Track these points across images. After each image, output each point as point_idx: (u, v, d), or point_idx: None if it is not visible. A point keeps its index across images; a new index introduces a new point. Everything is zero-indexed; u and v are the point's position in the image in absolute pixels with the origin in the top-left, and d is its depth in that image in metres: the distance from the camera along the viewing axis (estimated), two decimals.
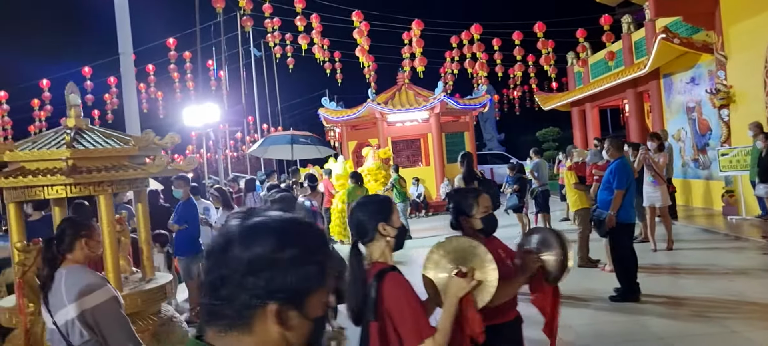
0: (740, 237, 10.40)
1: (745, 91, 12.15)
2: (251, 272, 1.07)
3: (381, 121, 20.33)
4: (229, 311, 1.08)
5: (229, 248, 1.09)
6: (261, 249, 1.08)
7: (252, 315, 1.08)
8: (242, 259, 1.07)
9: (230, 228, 1.12)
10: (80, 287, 2.95)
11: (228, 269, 1.08)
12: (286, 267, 1.08)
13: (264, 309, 1.08)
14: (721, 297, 6.97)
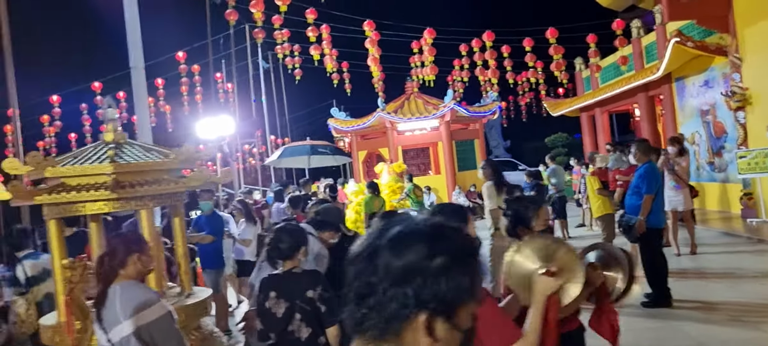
0: (764, 240, 10.29)
1: (762, 93, 12.09)
2: (401, 281, 1.04)
3: (391, 131, 20.33)
4: (378, 321, 1.05)
5: (376, 256, 1.06)
6: (412, 257, 1.05)
7: (401, 325, 1.05)
8: (391, 267, 1.05)
9: (377, 235, 1.09)
10: (136, 302, 2.91)
11: (376, 277, 1.05)
12: (437, 276, 1.05)
13: (414, 319, 1.04)
14: (753, 301, 6.88)
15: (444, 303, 1.05)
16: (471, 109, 20.79)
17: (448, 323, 1.06)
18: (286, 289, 3.19)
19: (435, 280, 1.04)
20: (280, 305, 3.17)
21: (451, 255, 1.06)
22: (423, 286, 1.04)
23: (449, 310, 1.06)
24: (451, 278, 1.05)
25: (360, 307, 1.06)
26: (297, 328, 3.14)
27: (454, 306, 1.06)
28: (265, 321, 3.22)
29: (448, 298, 1.05)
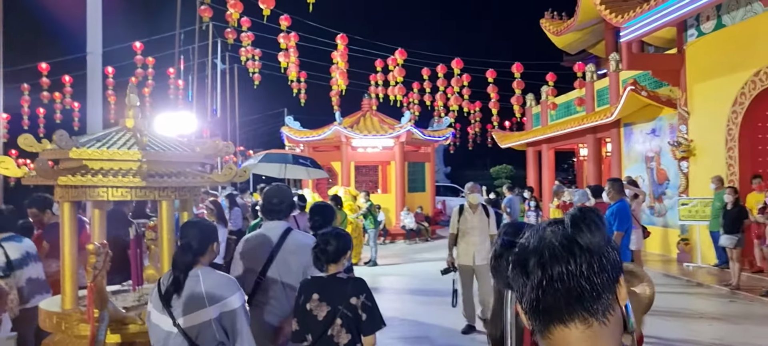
0: (702, 284, 10.97)
1: (705, 146, 12.91)
2: (606, 260, 1.11)
3: (345, 146, 20.38)
4: (603, 298, 1.10)
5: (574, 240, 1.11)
6: (600, 233, 1.12)
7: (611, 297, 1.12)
8: (593, 245, 1.10)
9: (562, 231, 1.14)
10: (223, 289, 2.99)
11: (597, 256, 1.10)
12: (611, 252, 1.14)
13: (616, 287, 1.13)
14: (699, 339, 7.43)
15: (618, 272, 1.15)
16: (426, 132, 21.13)
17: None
18: (330, 293, 3.22)
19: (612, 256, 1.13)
20: (322, 308, 3.19)
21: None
22: (614, 262, 1.13)
23: None
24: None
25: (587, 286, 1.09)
26: (337, 333, 3.17)
27: None
28: (304, 323, 3.23)
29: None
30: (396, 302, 10.00)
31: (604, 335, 1.09)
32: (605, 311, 1.10)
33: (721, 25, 12.32)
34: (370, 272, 13.09)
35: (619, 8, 14.04)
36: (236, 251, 4.15)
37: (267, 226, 4.09)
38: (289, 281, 3.78)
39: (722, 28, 12.29)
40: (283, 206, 4.08)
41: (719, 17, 12.37)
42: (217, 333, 2.94)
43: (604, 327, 1.10)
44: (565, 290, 1.09)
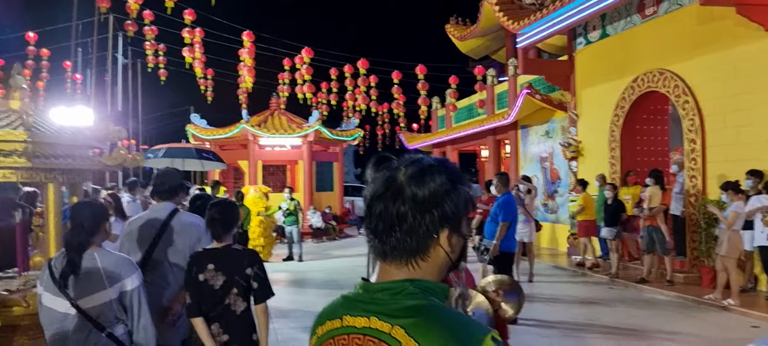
0: (586, 274, 11.83)
1: (592, 147, 13.88)
2: (430, 206, 1.23)
3: (253, 144, 20.22)
4: (412, 242, 1.24)
5: (401, 191, 1.25)
6: (433, 185, 1.23)
7: (429, 243, 1.25)
8: (418, 196, 1.23)
9: (393, 174, 1.27)
10: (121, 269, 3.03)
11: (405, 207, 1.23)
12: (450, 196, 1.25)
13: (438, 236, 1.25)
14: (582, 322, 8.08)
15: (457, 217, 1.27)
16: (334, 132, 21.33)
17: (457, 233, 1.29)
18: (226, 263, 3.34)
19: (450, 200, 1.25)
20: (219, 277, 3.31)
21: (456, 177, 1.30)
22: (444, 206, 1.25)
23: (459, 223, 1.28)
24: (459, 196, 1.27)
25: (392, 234, 1.25)
26: (233, 301, 3.32)
27: (461, 219, 1.29)
28: (198, 294, 3.33)
29: (459, 212, 1.27)
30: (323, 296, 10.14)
31: (417, 275, 1.25)
32: (417, 254, 1.25)
33: (606, 35, 13.31)
34: (295, 267, 13.46)
35: (516, 16, 14.83)
36: (122, 233, 4.17)
37: (153, 207, 4.14)
38: (176, 261, 3.86)
39: (606, 37, 13.28)
40: (169, 186, 4.12)
41: (604, 27, 13.35)
42: (118, 312, 3.00)
43: (417, 269, 1.26)
44: (385, 228, 1.25)
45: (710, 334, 7.15)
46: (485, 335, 1.16)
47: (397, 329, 1.18)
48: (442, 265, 1.29)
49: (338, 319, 1.28)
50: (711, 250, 9.50)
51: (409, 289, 1.23)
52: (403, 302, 1.21)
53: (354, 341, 1.23)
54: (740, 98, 9.76)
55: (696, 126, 10.61)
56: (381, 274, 1.28)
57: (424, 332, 1.16)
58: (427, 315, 1.19)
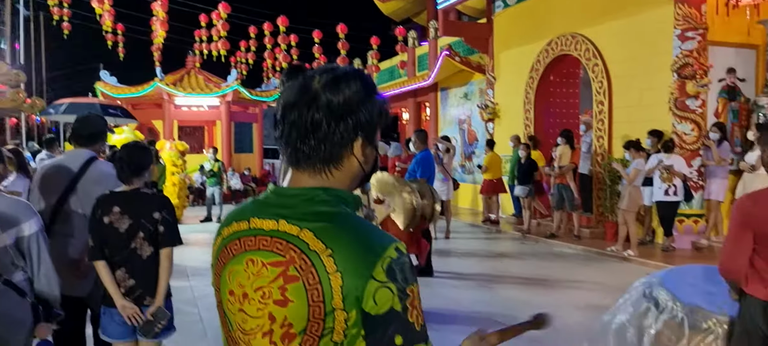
0: (501, 231, 12.29)
1: (508, 109, 14.28)
2: (345, 114, 1.23)
3: (168, 104, 19.49)
4: (325, 151, 1.24)
5: (317, 98, 1.22)
6: (348, 93, 1.23)
7: (343, 152, 1.25)
8: (333, 104, 1.22)
9: (305, 86, 1.25)
10: (18, 212, 2.88)
11: (319, 115, 1.22)
12: (368, 105, 1.25)
13: (352, 144, 1.25)
14: (490, 272, 8.45)
15: (371, 126, 1.27)
16: (253, 92, 20.86)
17: (371, 143, 1.29)
18: (133, 206, 3.22)
19: (365, 108, 1.25)
20: (124, 220, 3.20)
21: (370, 85, 1.30)
22: (359, 115, 1.24)
23: (372, 132, 1.29)
24: (373, 105, 1.27)
25: (306, 142, 1.24)
26: (139, 245, 3.22)
27: (374, 129, 1.29)
28: (100, 237, 3.21)
29: (373, 121, 1.27)
30: None
31: (330, 184, 1.26)
32: (331, 163, 1.26)
33: None
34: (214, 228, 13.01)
35: None
36: (33, 182, 3.94)
37: (68, 153, 3.92)
38: None
39: (524, 0, 13.60)
40: (90, 132, 3.86)
41: None
42: (15, 259, 2.85)
43: (330, 177, 1.26)
44: (299, 136, 1.24)
45: (611, 281, 7.61)
46: (390, 243, 1.18)
47: (306, 232, 1.19)
48: (355, 174, 1.29)
49: (245, 221, 1.27)
50: (615, 206, 10.06)
51: (321, 196, 1.23)
52: (314, 208, 1.22)
53: (261, 242, 1.22)
54: (643, 62, 10.29)
55: (604, 88, 11.12)
56: (294, 181, 1.28)
57: (333, 236, 1.17)
58: (337, 221, 1.20)
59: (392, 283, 1.14)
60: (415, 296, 1.18)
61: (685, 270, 3.45)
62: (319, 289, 1.15)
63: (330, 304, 1.14)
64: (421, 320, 1.18)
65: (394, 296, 1.14)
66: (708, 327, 2.85)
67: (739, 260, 2.62)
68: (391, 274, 1.15)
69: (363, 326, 1.16)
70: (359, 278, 1.14)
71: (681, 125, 9.54)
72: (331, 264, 1.15)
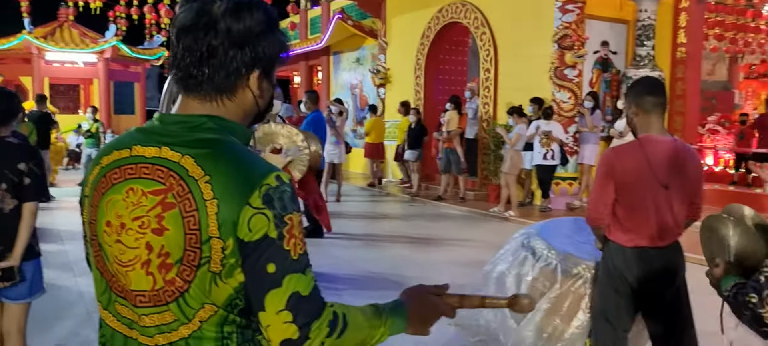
0: (390, 194, 12.54)
1: (399, 74, 14.47)
2: (244, 43, 1.18)
3: (37, 59, 18.05)
4: (218, 79, 1.19)
5: (216, 23, 1.17)
6: (250, 22, 1.19)
7: (238, 81, 1.21)
8: (233, 30, 1.17)
9: (207, 6, 1.18)
10: None
11: (217, 41, 1.16)
12: (267, 36, 1.21)
13: (248, 76, 1.21)
14: (380, 233, 8.65)
15: (269, 60, 1.23)
16: (135, 50, 19.74)
17: (268, 78, 1.26)
18: None
19: (266, 40, 1.21)
20: None
21: (273, 19, 1.27)
22: (258, 46, 1.20)
23: (271, 67, 1.25)
24: (275, 39, 1.23)
25: (200, 69, 1.19)
26: (2, 198, 2.96)
27: (273, 63, 1.25)
28: None
29: (272, 56, 1.23)
30: None
31: (220, 113, 1.21)
32: (224, 92, 1.20)
33: None
34: None
35: None
36: None
37: None
38: None
39: None
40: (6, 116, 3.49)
41: None
42: None
43: (221, 107, 1.21)
44: (192, 61, 1.18)
45: (493, 240, 7.96)
46: (271, 171, 1.15)
47: (187, 159, 1.14)
48: (248, 108, 1.25)
49: (127, 149, 1.20)
50: (498, 169, 10.52)
51: (208, 124, 1.19)
52: (198, 135, 1.17)
53: (142, 170, 1.16)
54: (527, 33, 10.75)
55: (491, 56, 11.52)
56: (182, 107, 1.23)
57: (213, 163, 1.13)
58: (219, 148, 1.16)
59: (268, 209, 1.11)
60: (294, 226, 1.14)
61: (559, 222, 3.69)
62: (195, 216, 1.11)
63: (206, 232, 1.10)
64: (299, 250, 1.14)
65: (269, 222, 1.11)
66: (578, 272, 3.08)
67: (603, 208, 2.82)
68: (267, 201, 1.11)
69: (240, 255, 1.12)
70: (235, 204, 1.10)
71: (559, 93, 10.10)
72: (208, 191, 1.11)
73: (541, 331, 3.06)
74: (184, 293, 1.13)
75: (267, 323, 1.12)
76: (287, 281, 1.11)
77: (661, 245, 2.82)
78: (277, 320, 1.11)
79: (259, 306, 1.12)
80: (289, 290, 1.11)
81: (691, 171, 2.86)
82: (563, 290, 3.06)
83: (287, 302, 1.11)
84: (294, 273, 1.12)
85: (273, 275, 1.11)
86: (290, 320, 1.11)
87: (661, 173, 2.75)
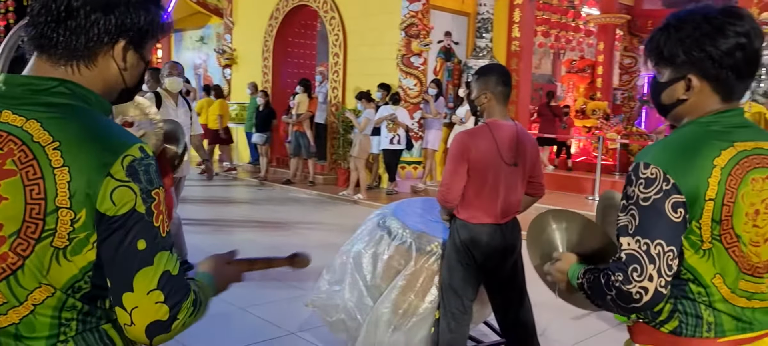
0: (238, 178, 12.23)
1: (246, 55, 14.10)
2: (108, 8, 1.11)
3: None
4: (75, 43, 1.10)
5: None
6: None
7: (98, 49, 1.13)
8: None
9: None
10: None
11: (78, 1, 1.09)
12: (140, 10, 1.14)
13: (112, 46, 1.13)
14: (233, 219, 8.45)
15: (139, 33, 1.16)
16: None
17: (138, 52, 1.18)
18: None
19: (136, 11, 1.14)
20: None
21: None
22: (126, 14, 1.12)
23: (141, 41, 1.17)
24: (148, 12, 1.16)
25: (56, 29, 1.09)
26: None
27: (145, 38, 1.18)
28: None
29: (143, 28, 1.16)
30: None
31: (75, 80, 1.12)
32: (82, 59, 1.12)
33: None
34: None
35: None
36: None
37: None
38: None
39: None
40: None
41: None
42: None
43: (77, 73, 1.12)
44: (49, 20, 1.09)
45: (343, 222, 8.12)
46: (134, 142, 1.09)
47: (32, 123, 1.04)
48: (110, 80, 1.17)
49: None
50: (347, 153, 10.68)
51: (58, 88, 1.09)
52: (46, 99, 1.07)
53: None
54: (376, 18, 10.97)
55: (340, 41, 11.61)
56: (32, 69, 1.12)
57: (63, 128, 1.04)
58: (71, 113, 1.07)
59: (134, 183, 1.05)
60: (160, 201, 1.09)
61: (411, 202, 3.84)
62: (40, 185, 1.02)
63: (53, 202, 1.02)
64: (166, 227, 1.10)
65: (136, 196, 1.05)
66: (431, 249, 3.23)
67: (456, 189, 2.99)
68: (132, 173, 1.05)
69: (96, 229, 1.04)
70: (93, 173, 1.03)
71: (406, 80, 10.45)
72: (57, 158, 1.02)
73: (396, 307, 3.17)
74: (17, 270, 1.03)
75: (134, 304, 1.05)
76: (158, 259, 1.07)
77: (502, 223, 3.06)
78: (148, 301, 1.05)
79: (125, 287, 1.05)
80: (160, 268, 1.07)
81: (531, 152, 3.12)
82: (418, 267, 3.19)
83: (159, 282, 1.06)
84: (164, 251, 1.08)
85: (143, 252, 1.05)
86: (162, 300, 1.06)
87: (507, 154, 2.97)
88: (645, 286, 1.27)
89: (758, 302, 1.35)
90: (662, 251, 1.27)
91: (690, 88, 1.37)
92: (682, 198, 1.28)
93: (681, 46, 1.35)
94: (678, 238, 1.30)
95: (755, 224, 1.32)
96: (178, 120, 5.35)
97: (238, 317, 4.32)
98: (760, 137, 1.37)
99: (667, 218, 1.27)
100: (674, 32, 1.37)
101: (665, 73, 1.41)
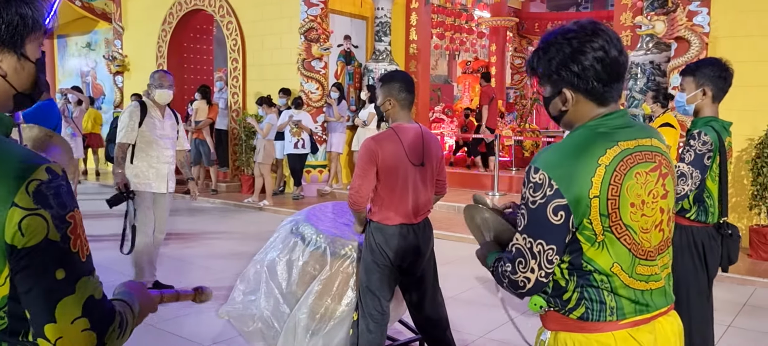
0: None
1: (138, 61, 13.54)
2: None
3: None
4: None
5: None
6: None
7: None
8: None
9: None
10: None
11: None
12: (11, 5, 1.08)
13: None
14: None
15: (14, 33, 1.09)
16: None
17: (16, 54, 1.11)
18: None
19: (7, 8, 1.07)
20: None
21: None
22: None
23: (17, 41, 1.10)
24: (21, 6, 1.08)
25: None
26: None
27: (21, 38, 1.10)
28: None
29: (17, 27, 1.09)
30: None
31: None
32: None
33: None
34: None
35: None
36: None
37: None
38: None
39: None
40: None
41: None
42: None
43: None
44: None
45: (249, 230, 8.03)
46: (41, 163, 1.03)
47: None
48: None
49: None
50: (250, 159, 10.53)
51: None
52: None
53: None
54: (274, 23, 10.90)
55: (238, 46, 11.43)
56: None
57: None
58: None
59: (44, 210, 0.99)
60: (77, 224, 1.05)
61: (322, 208, 3.89)
62: None
63: None
64: (86, 251, 1.06)
65: (48, 224, 1.00)
66: (345, 253, 3.30)
67: (366, 193, 3.09)
68: (40, 199, 0.99)
69: (8, 261, 0.99)
70: None
71: (308, 84, 10.46)
72: None
73: (313, 312, 3.22)
74: None
75: (58, 335, 1.01)
76: (80, 286, 1.03)
77: (415, 222, 3.18)
78: (73, 330, 1.02)
79: (47, 318, 1.01)
80: (84, 295, 1.04)
81: (435, 152, 3.27)
82: (333, 271, 3.25)
83: (83, 308, 1.03)
84: (85, 276, 1.05)
85: (62, 281, 1.01)
86: (88, 327, 1.03)
87: (414, 155, 3.11)
88: (528, 276, 1.47)
89: (654, 284, 1.53)
90: (543, 249, 1.45)
91: (567, 100, 1.54)
92: (563, 201, 1.43)
93: (550, 66, 1.53)
94: (558, 237, 1.45)
95: (643, 213, 1.49)
96: (164, 133, 5.16)
97: (152, 335, 4.19)
98: (641, 135, 1.54)
99: (548, 221, 1.44)
100: (543, 54, 1.54)
101: (546, 89, 1.59)
